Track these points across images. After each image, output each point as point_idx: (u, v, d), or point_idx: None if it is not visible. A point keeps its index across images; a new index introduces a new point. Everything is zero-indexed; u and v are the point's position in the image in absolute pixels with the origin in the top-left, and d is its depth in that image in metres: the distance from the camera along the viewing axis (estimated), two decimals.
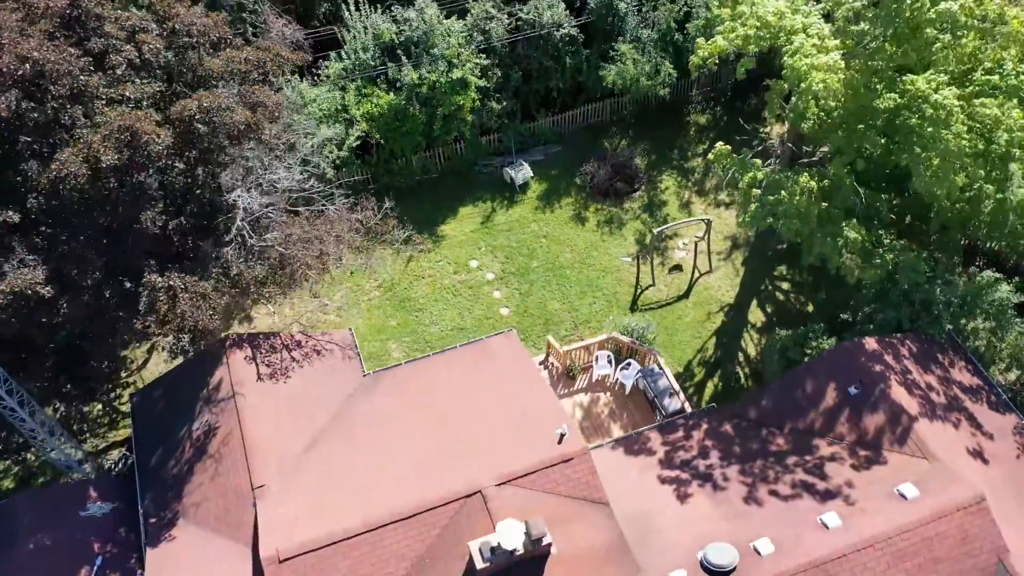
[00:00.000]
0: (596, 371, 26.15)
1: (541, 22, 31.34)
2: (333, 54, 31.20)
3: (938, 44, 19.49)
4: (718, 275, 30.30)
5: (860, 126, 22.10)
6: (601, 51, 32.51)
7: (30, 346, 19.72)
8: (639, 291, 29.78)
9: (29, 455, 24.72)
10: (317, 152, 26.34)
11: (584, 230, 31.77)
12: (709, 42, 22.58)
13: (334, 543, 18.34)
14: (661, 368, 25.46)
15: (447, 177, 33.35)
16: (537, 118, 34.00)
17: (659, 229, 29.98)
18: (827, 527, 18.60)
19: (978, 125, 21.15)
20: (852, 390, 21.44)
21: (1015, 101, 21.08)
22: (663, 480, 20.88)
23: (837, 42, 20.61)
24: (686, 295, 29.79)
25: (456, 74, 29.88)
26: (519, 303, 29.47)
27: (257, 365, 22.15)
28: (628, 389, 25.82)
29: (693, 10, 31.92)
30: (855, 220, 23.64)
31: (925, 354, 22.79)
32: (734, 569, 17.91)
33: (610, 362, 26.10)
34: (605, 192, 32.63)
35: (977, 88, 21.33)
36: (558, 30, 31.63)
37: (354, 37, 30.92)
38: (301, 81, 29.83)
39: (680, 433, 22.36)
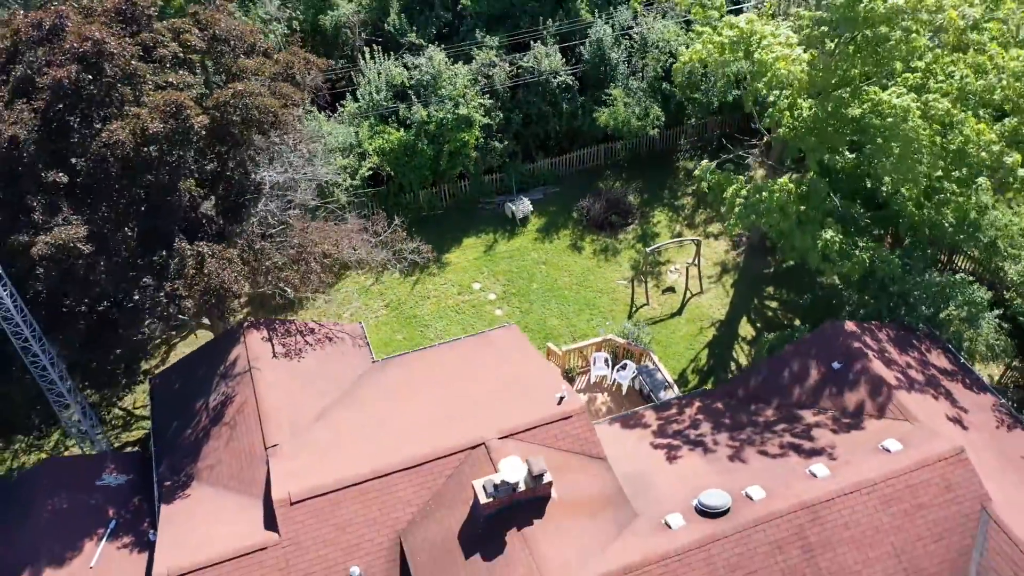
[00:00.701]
0: (594, 373, 27.32)
1: (539, 69, 34.32)
2: (349, 95, 33.95)
3: (891, 42, 21.93)
4: (709, 296, 31.88)
5: (830, 128, 24.28)
6: (595, 97, 35.35)
7: (64, 306, 21.07)
8: (634, 309, 31.28)
9: (53, 432, 25.58)
10: (332, 176, 28.37)
11: (581, 257, 33.60)
12: (690, 50, 25.18)
13: (344, 488, 19.15)
14: (656, 365, 26.68)
15: (452, 213, 35.49)
16: (536, 160, 36.51)
17: (651, 248, 31.83)
18: (816, 476, 19.45)
19: (936, 125, 23.39)
20: (835, 365, 22.67)
21: (968, 111, 23.40)
22: (657, 447, 21.79)
23: (801, 48, 23.16)
24: (679, 313, 31.28)
25: (462, 111, 32.49)
26: (519, 320, 30.86)
27: (273, 345, 23.41)
28: (625, 389, 26.91)
29: (677, 61, 34.92)
30: (831, 219, 25.54)
31: (903, 340, 24.12)
32: (727, 511, 18.64)
33: (607, 363, 27.32)
34: (600, 225, 34.67)
35: (930, 95, 23.64)
36: (555, 77, 34.57)
37: (368, 81, 33.76)
38: (320, 113, 32.33)
39: (673, 410, 23.41)
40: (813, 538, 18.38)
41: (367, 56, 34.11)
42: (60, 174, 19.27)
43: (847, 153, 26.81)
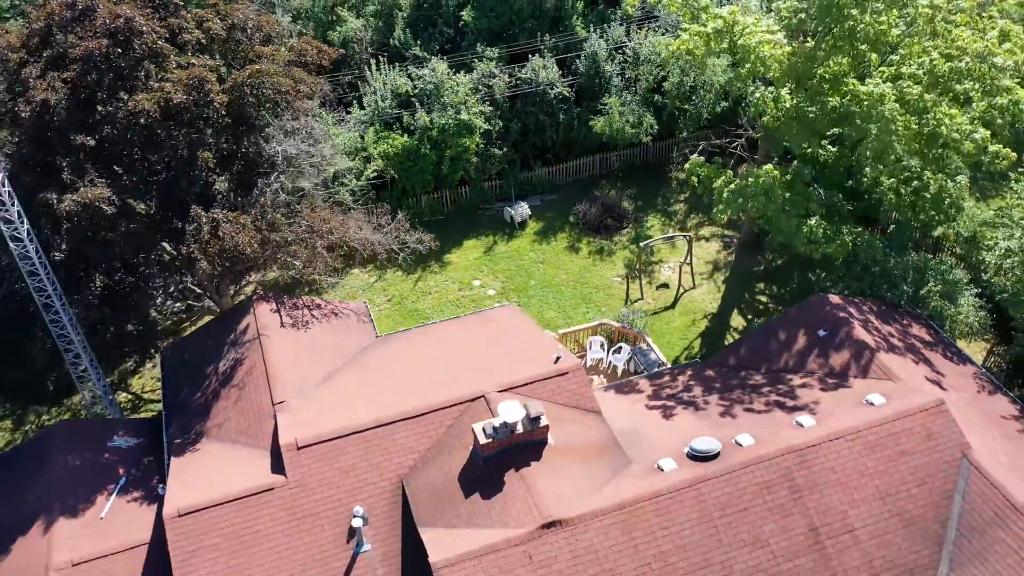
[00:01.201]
0: (590, 356, 28.21)
1: (537, 81, 36.03)
2: (355, 102, 35.58)
3: (862, 25, 23.49)
4: (701, 291, 32.95)
5: (811, 116, 25.67)
6: (591, 108, 36.98)
7: (83, 270, 22.12)
8: (629, 302, 32.28)
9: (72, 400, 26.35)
10: (340, 162, 29.72)
11: (578, 257, 34.78)
12: (677, 40, 26.79)
13: (348, 435, 19.95)
14: (650, 346, 27.60)
15: (453, 218, 36.78)
16: (534, 169, 37.97)
17: (645, 243, 33.03)
18: (802, 426, 20.24)
19: (911, 111, 24.84)
20: (820, 333, 23.65)
21: (940, 95, 24.88)
22: (650, 407, 22.61)
23: (782, 34, 24.77)
24: (672, 306, 32.30)
25: (463, 117, 34.06)
26: None
27: (281, 316, 24.39)
28: (620, 372, 27.77)
29: (668, 74, 36.68)
30: (815, 204, 26.80)
31: (885, 314, 25.12)
32: (717, 455, 19.40)
33: (603, 347, 28.23)
34: (596, 228, 35.93)
35: (903, 82, 25.11)
36: (552, 89, 36.27)
37: (374, 91, 35.42)
38: (328, 115, 33.84)
39: (666, 378, 24.28)
40: (800, 480, 19.09)
41: (373, 68, 35.86)
42: (88, 138, 20.54)
43: (829, 146, 28.21)
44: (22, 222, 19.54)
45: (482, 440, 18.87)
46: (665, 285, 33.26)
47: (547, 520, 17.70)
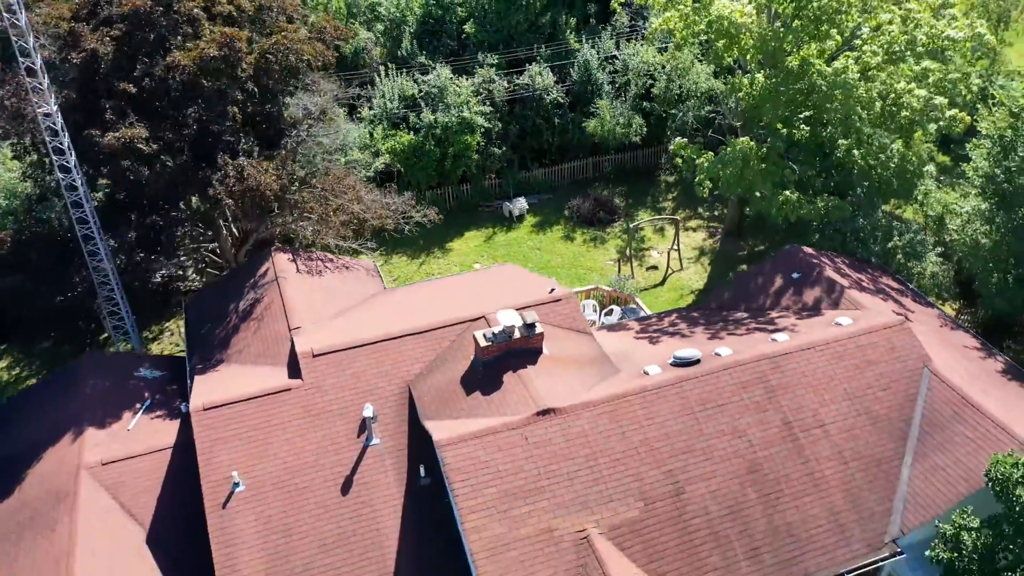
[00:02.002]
0: None
1: (533, 86, 38.88)
2: (365, 103, 38.32)
3: (816, 3, 26.29)
4: (688, 272, 34.97)
5: (783, 98, 28.21)
6: (584, 112, 39.73)
7: (120, 207, 24.21)
8: (621, 276, 34.23)
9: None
10: (351, 165, 32.15)
11: (572, 245, 36.93)
12: (659, 20, 29.58)
13: (359, 346, 21.71)
14: (639, 306, 29.48)
15: (455, 213, 39.04)
16: (531, 170, 40.48)
17: (634, 224, 35.23)
18: (777, 341, 22.03)
19: (872, 83, 27.43)
20: (794, 275, 25.64)
21: (900, 66, 27.53)
22: (638, 338, 24.39)
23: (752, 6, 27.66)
24: (661, 284, 34.27)
25: (465, 114, 36.73)
26: None
27: (297, 264, 26.37)
28: None
29: (656, 82, 39.56)
30: (789, 170, 29.13)
31: (856, 265, 27.15)
32: (698, 361, 21.14)
33: (595, 310, 30.09)
34: (590, 221, 38.20)
35: (864, 52, 27.71)
36: (547, 94, 39.08)
37: (383, 94, 38.22)
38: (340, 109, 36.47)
39: (654, 319, 26.10)
40: (774, 381, 20.80)
41: (382, 74, 38.75)
42: (130, 85, 22.94)
43: (803, 126, 30.70)
44: (71, 153, 21.74)
45: (482, 344, 20.64)
46: (654, 267, 35.30)
47: (542, 408, 19.35)
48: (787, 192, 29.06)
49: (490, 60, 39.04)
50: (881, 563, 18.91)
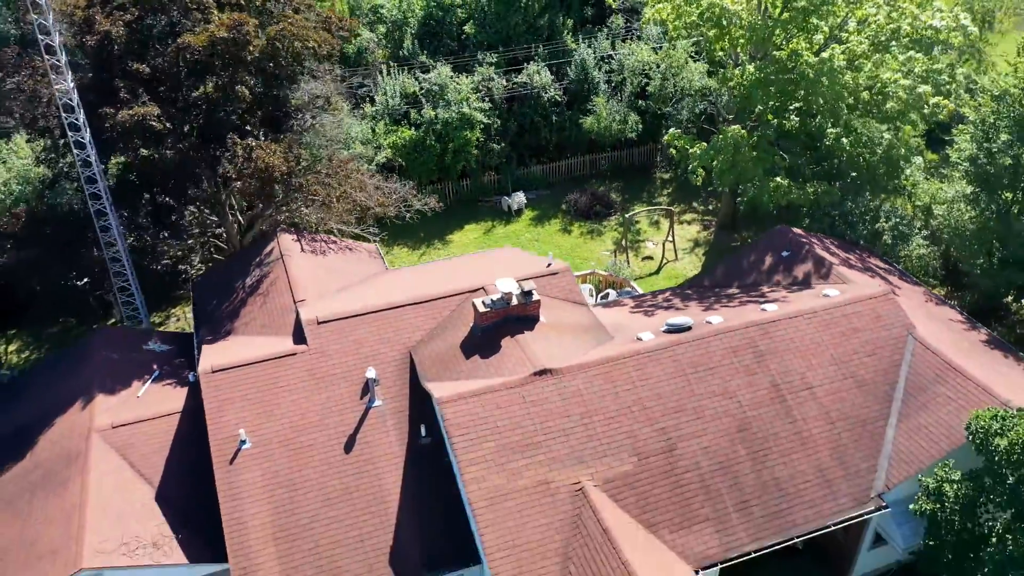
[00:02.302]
0: None
1: (531, 84, 39.91)
2: (367, 100, 39.31)
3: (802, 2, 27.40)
4: (683, 262, 35.77)
5: (772, 87, 29.17)
6: (581, 110, 40.72)
7: (130, 187, 25.06)
8: (616, 261, 35.02)
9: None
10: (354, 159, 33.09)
11: (570, 237, 37.76)
12: (653, 9, 30.60)
13: (362, 314, 22.45)
14: (634, 288, 30.24)
15: (455, 208, 39.91)
16: (530, 166, 41.40)
17: (629, 215, 36.07)
18: (766, 310, 22.77)
19: (857, 72, 28.40)
20: (784, 253, 26.42)
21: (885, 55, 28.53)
22: (633, 312, 25.13)
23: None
24: (656, 273, 35.06)
25: (465, 110, 37.70)
26: None
27: (301, 244, 27.17)
28: None
29: (651, 80, 40.58)
30: (779, 156, 30.01)
31: (843, 246, 27.93)
32: (690, 328, 21.87)
33: (591, 294, 30.83)
34: (586, 214, 39.06)
35: (851, 42, 28.70)
36: (545, 92, 40.10)
37: (385, 92, 39.22)
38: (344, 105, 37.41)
39: (648, 297, 26.86)
40: (763, 347, 21.52)
41: (384, 72, 39.80)
42: (142, 65, 23.87)
43: (793, 116, 31.67)
44: (85, 129, 22.62)
45: (481, 310, 21.39)
46: (649, 257, 36.11)
47: (539, 369, 20.06)
48: (778, 179, 29.98)
49: (489, 59, 40.09)
50: (867, 516, 19.53)
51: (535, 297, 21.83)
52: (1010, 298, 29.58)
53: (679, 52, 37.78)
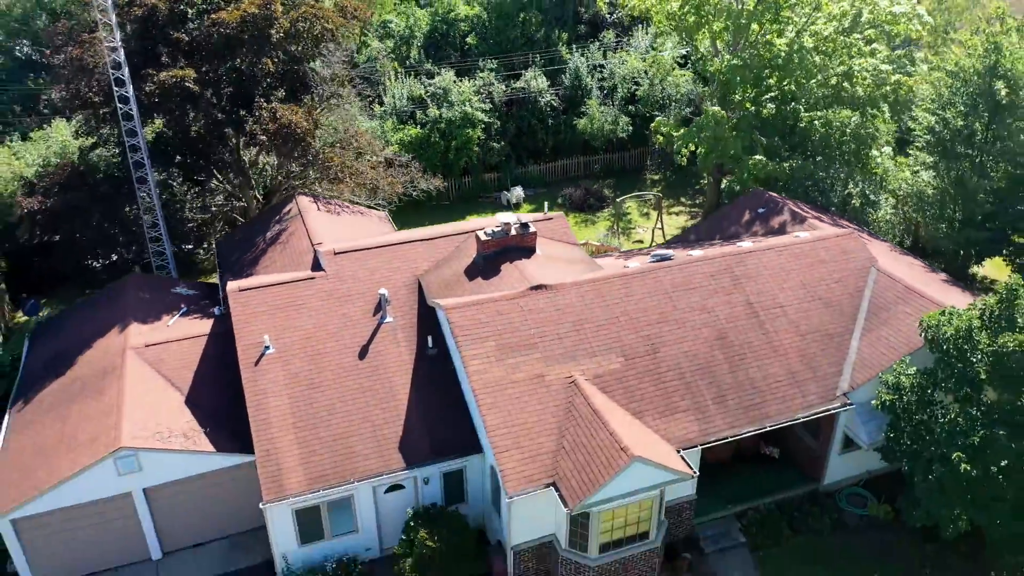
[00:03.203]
0: None
1: (529, 89, 42.99)
2: (377, 103, 42.29)
3: None
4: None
5: (751, 74, 32.06)
6: (575, 113, 43.71)
7: (167, 144, 27.59)
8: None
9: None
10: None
11: None
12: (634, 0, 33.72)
13: (374, 247, 24.69)
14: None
15: (457, 203, 42.50)
16: (527, 166, 44.17)
17: (620, 199, 38.59)
18: (742, 246, 25.06)
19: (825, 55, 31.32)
20: (760, 210, 28.83)
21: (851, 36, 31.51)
22: (620, 258, 27.38)
23: None
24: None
25: (467, 109, 40.63)
26: None
27: (318, 206, 29.58)
28: None
29: (640, 87, 43.67)
30: (756, 132, 32.71)
31: (816, 209, 30.31)
32: (672, 257, 24.13)
33: None
34: (581, 207, 41.64)
35: (818, 26, 31.70)
36: (542, 97, 43.15)
37: (393, 95, 42.24)
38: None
39: (635, 250, 29.13)
40: (739, 272, 23.73)
41: (392, 78, 42.90)
42: (182, 33, 26.69)
43: (769, 104, 34.48)
44: (129, 84, 25.27)
45: (482, 239, 23.68)
46: (640, 241, 38.51)
47: (535, 284, 22.24)
48: (757, 156, 32.58)
49: (490, 65, 43.25)
50: (833, 412, 21.43)
51: (532, 229, 24.14)
52: (972, 262, 31.81)
53: (666, 58, 40.92)
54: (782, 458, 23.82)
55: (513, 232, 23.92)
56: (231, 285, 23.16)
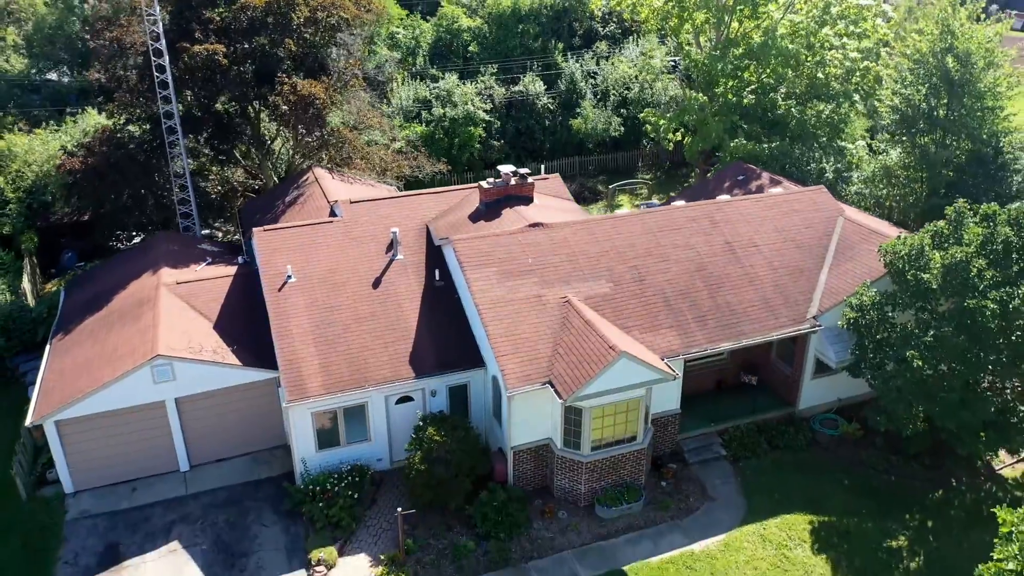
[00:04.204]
0: None
1: (527, 92, 45.97)
2: (385, 102, 45.18)
3: None
4: None
5: (731, 65, 34.96)
6: (570, 115, 46.62)
7: (197, 119, 30.26)
8: None
9: None
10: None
11: None
12: None
13: (385, 198, 27.11)
14: None
15: None
16: (526, 164, 46.81)
17: (613, 185, 41.16)
18: (720, 198, 27.50)
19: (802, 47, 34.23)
20: (740, 177, 31.36)
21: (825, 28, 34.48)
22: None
23: None
24: None
25: (469, 108, 43.49)
26: None
27: (332, 175, 32.07)
28: None
29: (631, 91, 46.69)
30: (736, 119, 35.45)
31: (793, 180, 32.85)
32: (657, 205, 26.54)
33: None
34: (576, 199, 44.10)
35: (795, 18, 34.71)
36: (539, 100, 46.12)
37: (399, 97, 45.17)
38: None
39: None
40: (718, 217, 26.12)
41: (399, 82, 45.89)
42: (215, 14, 29.52)
43: (750, 95, 37.31)
44: (165, 53, 28.02)
45: (485, 187, 26.13)
46: None
47: (532, 222, 24.60)
48: (738, 139, 35.27)
49: (491, 70, 46.31)
50: (803, 332, 23.58)
51: (530, 180, 26.60)
52: None
53: (655, 61, 43.96)
54: (760, 386, 25.83)
55: (513, 182, 26.36)
56: (256, 229, 25.46)
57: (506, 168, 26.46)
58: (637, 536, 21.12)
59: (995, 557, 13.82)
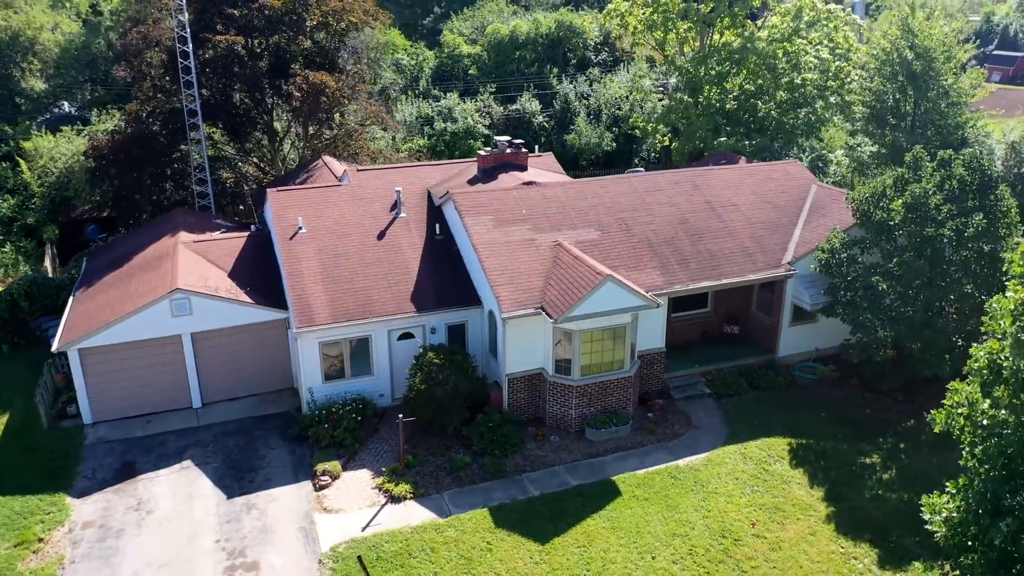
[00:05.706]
0: None
1: (524, 110, 48.69)
2: (390, 116, 47.78)
3: None
4: None
5: (713, 72, 37.64)
6: (564, 131, 49.22)
7: (215, 108, 32.55)
8: None
9: None
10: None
11: None
12: (612, 4, 39.52)
13: (391, 168, 29.15)
14: None
15: None
16: None
17: None
18: (701, 168, 29.55)
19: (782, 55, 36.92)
20: (722, 161, 33.52)
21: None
22: None
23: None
24: None
25: (469, 123, 46.10)
26: None
27: (340, 161, 34.21)
28: None
29: (622, 110, 49.39)
30: (720, 118, 37.86)
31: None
32: (643, 172, 28.55)
33: None
34: None
35: (774, 29, 37.51)
36: (535, 118, 48.79)
37: (403, 113, 47.84)
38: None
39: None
40: (700, 182, 28.12)
41: (403, 101, 48.65)
42: (234, 10, 32.17)
43: (732, 100, 39.86)
44: (189, 39, 30.54)
45: (482, 154, 28.21)
46: None
47: (526, 181, 26.57)
48: (722, 138, 37.61)
49: (490, 89, 49.14)
50: (779, 276, 25.24)
51: (523, 151, 28.70)
52: None
53: (646, 82, 46.81)
54: (742, 336, 27.30)
55: (508, 151, 28.45)
56: (270, 191, 27.40)
57: (501, 139, 28.59)
58: (625, 455, 22.33)
59: (946, 404, 14.98)
